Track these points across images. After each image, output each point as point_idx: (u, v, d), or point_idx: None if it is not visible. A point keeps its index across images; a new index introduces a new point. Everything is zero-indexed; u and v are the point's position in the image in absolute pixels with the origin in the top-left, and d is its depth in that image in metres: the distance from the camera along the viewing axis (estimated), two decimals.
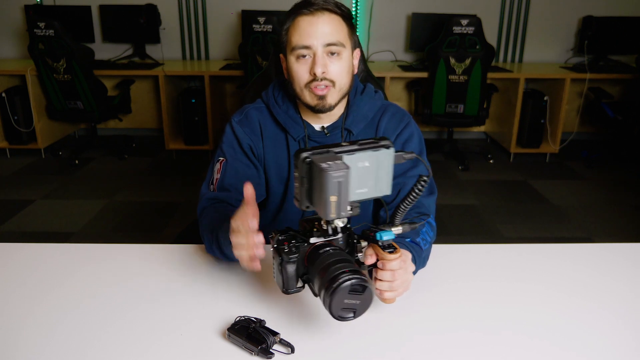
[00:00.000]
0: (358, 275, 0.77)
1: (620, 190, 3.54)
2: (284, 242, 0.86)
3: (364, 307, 0.79)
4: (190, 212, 3.11)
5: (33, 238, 2.77)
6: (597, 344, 0.89)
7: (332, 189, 0.72)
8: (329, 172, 0.71)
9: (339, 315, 0.78)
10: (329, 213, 0.75)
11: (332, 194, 0.73)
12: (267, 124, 1.26)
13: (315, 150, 0.77)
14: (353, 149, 0.77)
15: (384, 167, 0.79)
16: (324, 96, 1.14)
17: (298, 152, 0.76)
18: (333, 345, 0.88)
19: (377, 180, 0.79)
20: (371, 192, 0.79)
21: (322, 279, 0.79)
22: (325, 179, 0.72)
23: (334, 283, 0.76)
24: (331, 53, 1.12)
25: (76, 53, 3.53)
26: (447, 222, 3.02)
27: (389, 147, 0.78)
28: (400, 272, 0.89)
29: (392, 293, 0.90)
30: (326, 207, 0.74)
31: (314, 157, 0.75)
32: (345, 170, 0.72)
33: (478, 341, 0.90)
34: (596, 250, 1.23)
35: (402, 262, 0.89)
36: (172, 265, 1.13)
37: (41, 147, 4.04)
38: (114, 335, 0.90)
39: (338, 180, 0.72)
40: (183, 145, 4.10)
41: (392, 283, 0.89)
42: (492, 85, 3.88)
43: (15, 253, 1.18)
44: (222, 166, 1.22)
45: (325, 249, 0.83)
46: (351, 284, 0.76)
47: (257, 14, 3.63)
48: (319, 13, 1.11)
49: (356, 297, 0.78)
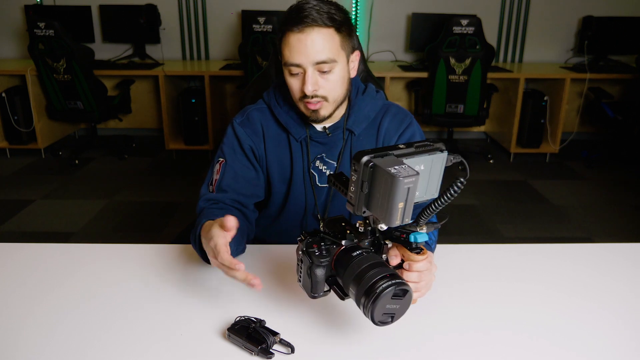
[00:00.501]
0: (399, 280, 0.75)
1: (620, 190, 3.54)
2: (313, 244, 0.83)
3: (403, 310, 0.78)
4: (190, 212, 3.11)
5: (33, 238, 2.77)
6: (597, 344, 0.89)
7: (401, 195, 0.69)
8: (399, 178, 0.68)
9: (380, 320, 0.76)
10: (394, 220, 0.71)
11: (401, 200, 0.69)
12: (269, 124, 1.26)
13: (374, 152, 0.73)
14: (411, 152, 0.74)
15: (436, 170, 0.77)
16: (317, 110, 1.15)
17: (359, 155, 0.73)
18: (333, 345, 0.88)
19: (429, 183, 0.77)
20: (422, 195, 0.77)
21: (361, 285, 0.76)
22: (395, 185, 0.68)
23: (376, 289, 0.74)
24: (322, 70, 1.11)
25: (76, 53, 3.53)
26: (447, 222, 3.01)
27: (442, 150, 0.76)
28: (427, 274, 0.88)
29: (416, 294, 0.89)
30: (392, 213, 0.70)
31: (378, 161, 0.71)
32: (415, 177, 0.69)
33: (478, 341, 0.90)
34: (596, 250, 1.23)
35: (429, 263, 0.88)
36: (172, 265, 1.13)
37: (41, 147, 4.04)
38: (114, 335, 0.90)
39: (408, 186, 0.69)
40: (183, 145, 4.10)
41: (418, 284, 0.88)
42: (492, 85, 3.88)
43: (15, 253, 1.18)
44: (222, 167, 1.22)
45: (357, 252, 0.81)
46: (394, 289, 0.74)
47: (257, 14, 3.64)
48: (307, 29, 1.07)
49: (397, 302, 0.76)
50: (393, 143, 1.24)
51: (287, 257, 1.15)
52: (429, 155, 0.75)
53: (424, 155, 0.75)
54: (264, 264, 1.13)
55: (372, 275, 0.76)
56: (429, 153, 0.75)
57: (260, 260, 1.15)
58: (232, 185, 1.20)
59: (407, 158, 0.73)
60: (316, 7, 1.08)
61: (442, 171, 0.78)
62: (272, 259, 1.15)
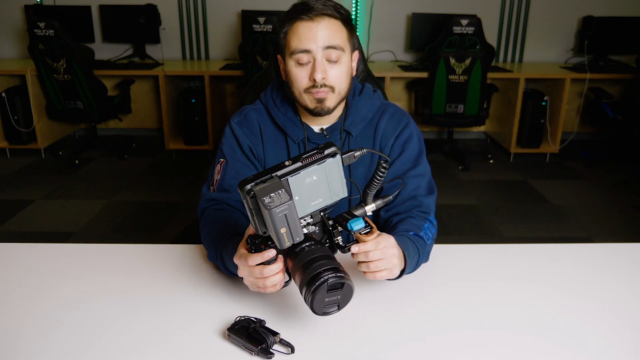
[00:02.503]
0: (335, 273, 0.78)
1: (620, 190, 3.54)
2: (261, 245, 0.86)
3: (346, 299, 0.81)
4: (190, 212, 3.11)
5: (33, 238, 2.77)
6: (597, 344, 0.89)
7: (280, 222, 0.74)
8: (273, 209, 0.73)
9: (323, 312, 0.80)
10: (284, 243, 0.77)
11: (282, 226, 0.75)
12: (266, 125, 1.26)
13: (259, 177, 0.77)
14: (297, 168, 0.78)
15: (333, 174, 0.80)
16: (323, 99, 1.14)
17: (242, 184, 0.77)
18: (333, 345, 0.88)
19: (330, 187, 0.81)
20: (327, 200, 0.82)
21: (302, 278, 0.80)
22: (271, 216, 0.73)
23: (314, 283, 0.78)
24: (331, 59, 1.11)
25: (76, 53, 3.53)
26: (447, 222, 3.01)
27: (334, 154, 0.80)
28: (376, 253, 0.90)
29: (372, 274, 0.91)
30: (279, 238, 0.76)
31: (257, 190, 0.75)
32: (288, 203, 0.73)
33: (477, 340, 0.90)
34: (596, 250, 1.23)
35: (376, 244, 0.89)
36: (172, 265, 1.13)
37: (41, 147, 4.04)
38: (114, 335, 0.90)
39: (283, 213, 0.74)
40: (183, 145, 4.10)
41: (369, 264, 0.90)
42: (492, 85, 3.88)
43: (15, 253, 1.18)
44: (222, 167, 1.22)
45: (301, 246, 0.84)
46: (328, 283, 0.78)
47: (257, 14, 3.64)
48: (318, 18, 1.10)
49: (336, 293, 0.79)
50: (390, 144, 1.24)
51: None
52: (318, 165, 0.79)
53: (314, 165, 0.78)
54: None
55: (312, 269, 0.80)
56: (318, 163, 0.79)
57: None
58: (233, 185, 1.20)
59: (293, 175, 0.77)
60: (321, 1, 1.11)
61: (342, 172, 0.82)
62: None
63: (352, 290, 0.81)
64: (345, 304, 0.82)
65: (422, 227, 1.10)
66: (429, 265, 1.12)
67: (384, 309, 0.98)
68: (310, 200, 0.80)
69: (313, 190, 0.79)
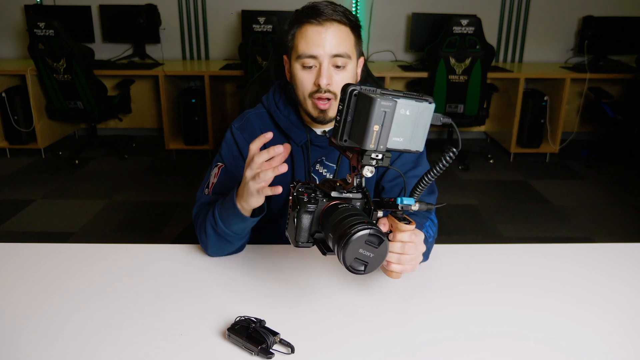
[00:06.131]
0: (376, 227, 0.76)
1: (620, 190, 3.54)
2: (304, 192, 0.85)
3: (376, 262, 0.78)
4: (190, 212, 3.10)
5: (33, 238, 2.77)
6: (597, 344, 0.89)
7: (377, 117, 0.73)
8: (377, 101, 0.72)
9: (351, 265, 0.76)
10: (369, 141, 0.74)
11: (377, 122, 0.73)
12: (268, 129, 1.25)
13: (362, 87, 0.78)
14: (398, 95, 0.77)
15: (422, 120, 0.78)
16: (325, 110, 1.15)
17: (346, 86, 0.77)
18: (333, 345, 0.88)
19: (414, 132, 0.79)
20: (406, 144, 0.79)
21: (338, 228, 0.77)
22: (372, 106, 0.72)
23: (352, 230, 0.75)
24: (337, 66, 1.11)
25: (76, 53, 3.53)
26: (447, 222, 3.01)
27: (430, 102, 0.79)
28: (411, 246, 0.89)
29: (399, 266, 0.89)
30: (367, 134, 0.74)
31: (363, 89, 0.76)
32: (393, 102, 0.73)
33: (477, 340, 0.90)
34: (596, 250, 1.23)
35: (414, 236, 0.89)
36: (172, 265, 1.13)
37: (41, 147, 4.04)
38: (114, 335, 0.90)
39: (384, 110, 0.72)
40: (183, 145, 4.10)
41: (401, 256, 0.89)
42: (492, 85, 3.88)
43: (15, 253, 1.18)
44: (220, 171, 1.22)
45: (344, 205, 0.82)
46: (369, 233, 0.75)
47: (257, 14, 3.64)
48: (327, 23, 1.10)
49: (371, 250, 0.76)
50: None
51: (287, 257, 1.15)
52: (415, 101, 0.78)
53: (411, 100, 0.78)
54: (264, 264, 1.13)
55: (350, 221, 0.77)
56: (416, 100, 0.78)
57: (260, 260, 1.15)
58: (230, 189, 1.19)
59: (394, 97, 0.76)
60: (331, 6, 1.11)
61: (428, 125, 0.80)
62: (272, 259, 1.15)
63: (384, 256, 0.78)
64: (372, 269, 0.78)
65: (424, 226, 1.11)
66: (429, 265, 1.12)
67: (384, 309, 0.98)
68: (394, 135, 0.77)
69: (400, 125, 0.77)
